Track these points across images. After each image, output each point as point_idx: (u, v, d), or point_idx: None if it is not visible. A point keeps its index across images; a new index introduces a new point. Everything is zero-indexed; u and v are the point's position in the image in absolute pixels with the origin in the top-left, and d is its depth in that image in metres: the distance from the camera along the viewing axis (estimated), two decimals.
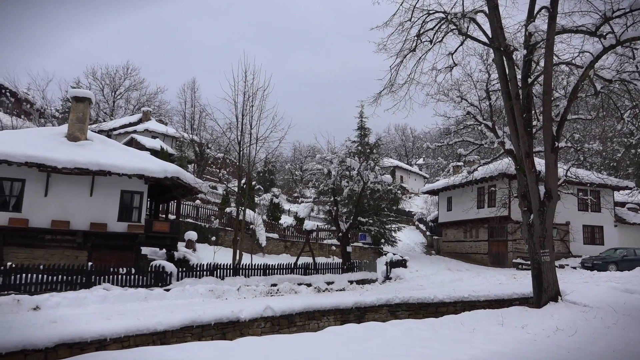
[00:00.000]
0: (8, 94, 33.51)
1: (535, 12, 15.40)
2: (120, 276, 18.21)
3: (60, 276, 16.90)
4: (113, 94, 62.03)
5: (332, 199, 28.45)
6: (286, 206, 46.04)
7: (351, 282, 24.40)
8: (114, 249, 21.30)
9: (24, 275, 16.14)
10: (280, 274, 23.27)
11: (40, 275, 16.52)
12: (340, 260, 27.96)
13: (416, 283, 25.27)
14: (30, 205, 20.24)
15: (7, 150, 19.20)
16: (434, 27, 16.74)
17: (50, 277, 16.71)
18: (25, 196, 20.24)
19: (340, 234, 28.51)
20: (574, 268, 30.43)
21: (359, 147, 31.84)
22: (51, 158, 19.65)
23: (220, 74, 47.38)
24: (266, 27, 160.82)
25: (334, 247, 34.10)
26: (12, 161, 19.13)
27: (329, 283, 23.24)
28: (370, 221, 32.20)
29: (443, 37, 16.96)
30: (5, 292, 15.01)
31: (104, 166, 20.38)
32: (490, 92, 20.10)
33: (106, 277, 17.83)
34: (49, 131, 23.48)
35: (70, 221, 20.58)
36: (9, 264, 16.31)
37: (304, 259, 26.29)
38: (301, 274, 24.17)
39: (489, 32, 16.22)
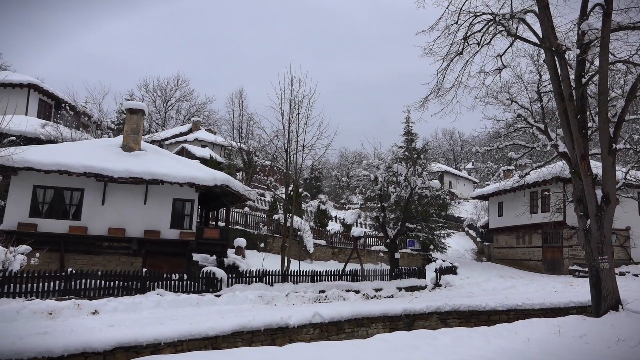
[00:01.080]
0: (68, 107, 35.12)
1: (588, 9, 14.85)
2: (173, 282, 18.70)
3: (116, 282, 17.50)
4: (164, 105, 64.06)
5: (379, 205, 28.27)
6: (333, 213, 46.06)
7: (400, 289, 24.14)
8: (166, 256, 21.93)
9: (83, 280, 16.81)
10: (328, 280, 23.28)
11: (98, 281, 17.17)
12: (388, 267, 27.70)
13: (467, 290, 24.74)
14: (89, 213, 21.14)
15: (68, 161, 20.15)
16: (482, 29, 16.43)
17: (107, 283, 17.33)
18: (84, 205, 21.17)
19: (388, 241, 28.27)
20: (636, 275, 29.00)
21: (406, 153, 31.56)
22: (108, 168, 20.49)
23: (267, 82, 48.24)
24: (312, 35, 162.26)
25: (381, 254, 33.84)
26: (72, 172, 20.07)
27: (377, 290, 23.07)
28: (419, 227, 31.76)
29: (491, 39, 16.62)
30: (67, 297, 15.71)
31: (157, 175, 21.06)
32: (542, 94, 19.51)
33: (160, 282, 18.34)
34: (105, 142, 24.50)
35: (126, 229, 21.35)
36: (69, 269, 17.05)
37: (352, 266, 26.21)
38: (349, 281, 24.10)
39: (539, 32, 15.76)
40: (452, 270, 28.91)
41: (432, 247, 34.64)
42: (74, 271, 16.90)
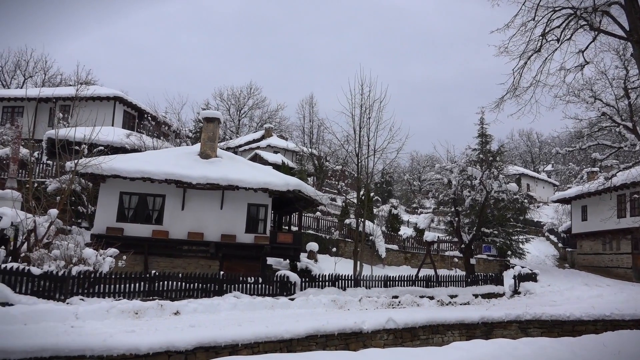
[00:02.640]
0: (149, 118, 37.09)
1: None
2: (248, 285, 19.18)
3: (196, 284, 18.19)
4: (238, 113, 66.11)
5: (453, 209, 27.62)
6: (405, 217, 45.49)
7: (476, 295, 23.41)
8: (242, 259, 22.54)
9: (165, 282, 17.62)
10: (401, 285, 23.01)
11: (179, 283, 17.94)
12: (464, 273, 26.97)
13: (548, 299, 23.58)
14: (170, 218, 22.18)
15: (150, 169, 21.29)
16: (561, 24, 15.68)
17: (187, 285, 18.05)
18: (165, 210, 22.24)
19: (462, 246, 27.55)
20: None
21: (480, 155, 30.63)
22: (187, 175, 21.43)
23: (337, 88, 48.77)
24: (382, 37, 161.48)
25: (456, 259, 33.01)
26: (155, 178, 21.17)
27: (452, 296, 22.51)
28: (495, 232, 30.73)
29: (572, 35, 15.82)
30: (151, 298, 16.53)
31: (232, 181, 21.76)
32: (630, 90, 18.30)
33: (236, 285, 18.87)
34: (184, 150, 25.64)
35: (204, 233, 22.19)
36: (153, 272, 17.95)
37: (425, 271, 25.75)
38: (423, 287, 23.68)
39: (625, 25, 14.80)
40: (532, 277, 27.68)
41: (509, 252, 33.35)
42: (157, 273, 17.75)
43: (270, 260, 24.27)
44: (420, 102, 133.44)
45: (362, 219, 24.76)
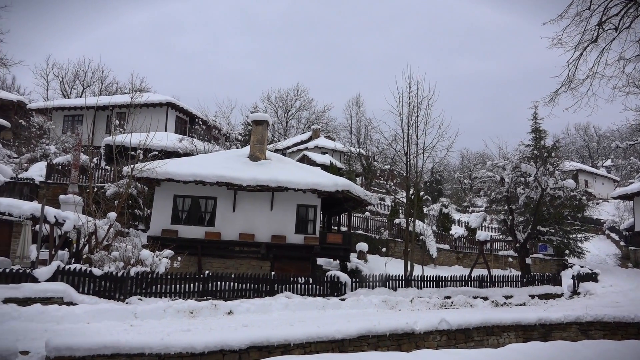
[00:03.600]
0: (200, 122, 38.04)
1: None
2: (299, 285, 19.34)
3: (248, 284, 18.51)
4: (286, 115, 66.79)
5: (506, 207, 26.89)
6: (456, 216, 44.66)
7: (532, 296, 22.67)
8: (292, 260, 22.75)
9: (218, 282, 18.02)
10: (453, 286, 22.58)
11: (231, 283, 18.30)
12: (519, 273, 26.19)
13: (610, 299, 22.52)
14: (222, 220, 22.66)
15: (202, 172, 21.83)
16: (619, 12, 14.91)
17: (239, 285, 18.39)
18: (217, 212, 22.74)
19: (517, 245, 26.77)
20: None
21: (534, 151, 29.65)
22: (237, 177, 21.84)
23: (384, 86, 48.50)
24: (428, 33, 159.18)
25: (510, 259, 32.16)
26: (206, 181, 21.69)
27: (507, 297, 21.90)
28: (552, 230, 29.65)
29: (631, 23, 15.00)
30: (205, 298, 16.94)
31: (282, 182, 22.00)
32: None
33: (287, 286, 19.06)
34: (234, 153, 26.14)
35: (255, 234, 22.54)
36: (206, 272, 18.39)
37: (478, 271, 25.17)
38: (476, 287, 23.15)
39: None
40: (592, 277, 26.55)
41: (567, 251, 32.11)
42: (210, 274, 18.18)
43: (320, 261, 24.37)
44: (470, 98, 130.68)
45: (412, 219, 24.49)
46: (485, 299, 21.20)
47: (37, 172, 27.42)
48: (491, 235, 32.70)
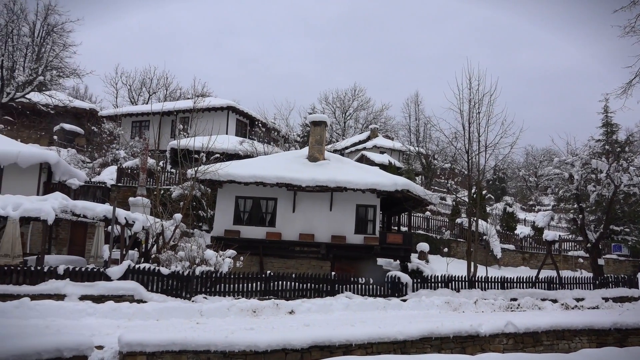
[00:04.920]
0: (260, 125, 38.76)
1: None
2: (359, 285, 19.29)
3: (308, 284, 18.65)
4: (343, 115, 66.78)
5: (575, 205, 25.70)
6: (521, 215, 43.19)
7: (606, 299, 21.49)
8: (352, 260, 22.72)
9: (280, 282, 18.28)
10: (519, 287, 21.81)
11: (292, 283, 18.51)
12: (590, 274, 24.94)
13: None
14: (282, 220, 22.97)
15: (262, 173, 22.22)
16: None
17: (300, 285, 18.58)
18: (277, 213, 23.08)
19: (588, 245, 25.51)
20: None
21: (606, 146, 28.22)
22: (296, 178, 22.08)
23: (443, 83, 47.56)
24: (488, 27, 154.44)
25: (581, 260, 30.73)
26: (267, 182, 22.06)
27: (578, 299, 20.89)
28: (626, 230, 28.08)
29: None
30: (267, 297, 17.22)
31: (341, 183, 22.02)
32: None
33: (347, 286, 19.06)
34: (293, 154, 26.45)
35: (315, 234, 22.68)
36: (268, 272, 18.71)
37: (546, 272, 24.17)
38: (544, 289, 22.26)
39: None
40: None
41: None
42: (271, 273, 18.47)
43: (380, 261, 24.19)
44: (535, 92, 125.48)
45: (475, 218, 23.87)
46: (555, 301, 20.34)
47: (108, 176, 28.84)
48: (559, 235, 31.36)
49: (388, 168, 36.49)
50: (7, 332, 9.49)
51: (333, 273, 19.66)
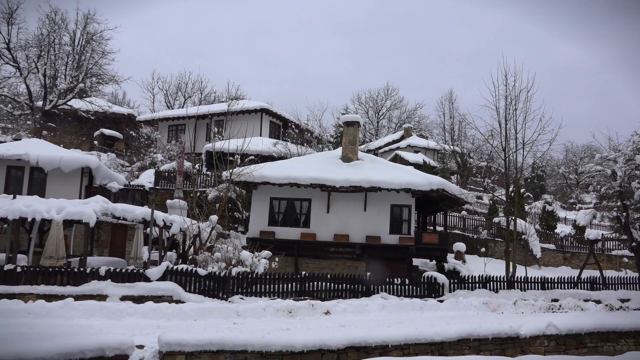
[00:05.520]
0: (293, 126, 38.97)
1: None
2: (395, 286, 19.12)
3: (344, 285, 18.62)
4: (376, 115, 66.44)
5: (619, 203, 24.78)
6: (561, 214, 42.06)
7: None
8: (387, 260, 22.54)
9: (315, 283, 18.31)
10: (561, 288, 21.24)
11: (327, 284, 18.51)
12: (636, 274, 24.05)
13: None
14: (316, 221, 23.01)
15: (296, 174, 22.33)
16: None
17: (335, 285, 18.56)
18: (311, 213, 23.14)
19: (633, 244, 24.55)
20: None
21: None
22: (330, 178, 22.09)
23: (478, 80, 46.77)
24: (524, 22, 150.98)
25: (625, 259, 29.72)
26: (301, 183, 22.15)
27: (623, 300, 20.18)
28: None
29: None
30: (302, 298, 17.28)
31: (375, 183, 21.91)
32: None
33: (383, 286, 18.92)
34: (326, 155, 26.48)
35: (349, 235, 22.64)
36: (303, 272, 18.78)
37: (588, 272, 23.45)
38: (586, 289, 21.62)
39: None
40: None
41: None
42: (307, 274, 18.53)
43: (415, 261, 23.96)
44: (574, 87, 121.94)
45: (513, 217, 23.36)
46: (598, 302, 19.69)
47: (146, 179, 29.52)
48: (602, 234, 30.39)
49: (422, 167, 36.10)
50: (53, 332, 9.83)
51: (368, 274, 19.57)
